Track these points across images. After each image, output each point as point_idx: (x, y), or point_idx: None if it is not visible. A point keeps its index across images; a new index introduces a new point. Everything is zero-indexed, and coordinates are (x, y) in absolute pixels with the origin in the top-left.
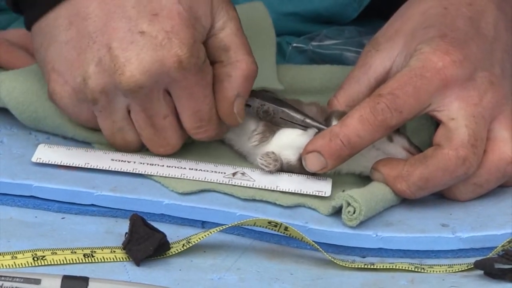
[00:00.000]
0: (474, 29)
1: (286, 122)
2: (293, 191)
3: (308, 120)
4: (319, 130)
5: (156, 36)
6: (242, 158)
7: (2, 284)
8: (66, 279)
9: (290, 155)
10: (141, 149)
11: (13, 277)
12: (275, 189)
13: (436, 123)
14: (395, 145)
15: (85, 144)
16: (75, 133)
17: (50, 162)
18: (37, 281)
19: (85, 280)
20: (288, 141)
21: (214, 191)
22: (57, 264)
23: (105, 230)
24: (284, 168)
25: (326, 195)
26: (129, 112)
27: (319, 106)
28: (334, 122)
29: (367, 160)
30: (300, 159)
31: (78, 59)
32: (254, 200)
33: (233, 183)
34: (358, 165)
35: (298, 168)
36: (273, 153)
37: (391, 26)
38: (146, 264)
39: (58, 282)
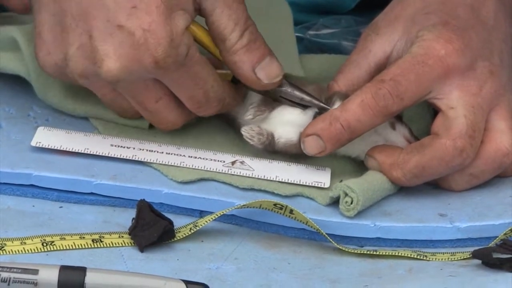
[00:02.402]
0: (475, 17)
1: (285, 100)
2: (292, 182)
3: (306, 97)
4: (318, 108)
5: (134, 33)
6: (242, 146)
7: (0, 275)
8: (63, 269)
9: (291, 133)
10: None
11: (11, 268)
12: (274, 179)
13: (432, 112)
14: (397, 133)
15: (85, 127)
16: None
17: (49, 147)
18: (35, 272)
19: (83, 270)
20: (290, 119)
21: (213, 180)
22: (66, 249)
23: (103, 220)
24: (282, 147)
25: (325, 186)
26: None
27: (319, 86)
28: (337, 103)
29: (366, 144)
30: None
31: (61, 36)
32: (252, 189)
33: (232, 173)
34: (356, 149)
35: (298, 148)
36: (258, 127)
37: (391, 11)
38: (144, 254)
39: (55, 272)
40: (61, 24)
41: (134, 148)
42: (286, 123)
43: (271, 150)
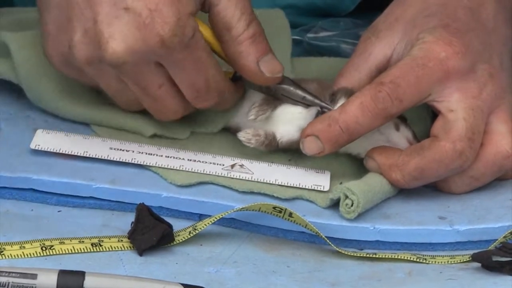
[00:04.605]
0: (475, 20)
1: (287, 99)
2: (291, 185)
3: (309, 97)
4: (320, 107)
5: (140, 14)
6: (241, 149)
7: None
8: (62, 273)
9: (292, 132)
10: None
11: (10, 272)
12: (273, 182)
13: (432, 114)
14: (400, 135)
15: (84, 129)
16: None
17: (48, 149)
18: (34, 276)
19: (82, 274)
20: (292, 117)
21: (213, 183)
22: (65, 254)
23: (102, 224)
24: (285, 145)
25: (324, 190)
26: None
27: (321, 82)
28: (341, 100)
29: (368, 143)
30: None
31: (67, 26)
32: (252, 193)
33: (232, 176)
34: (358, 147)
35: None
36: (253, 128)
37: (391, 13)
38: (143, 258)
39: (54, 277)
40: (66, 13)
41: (133, 151)
42: (288, 121)
43: (275, 149)
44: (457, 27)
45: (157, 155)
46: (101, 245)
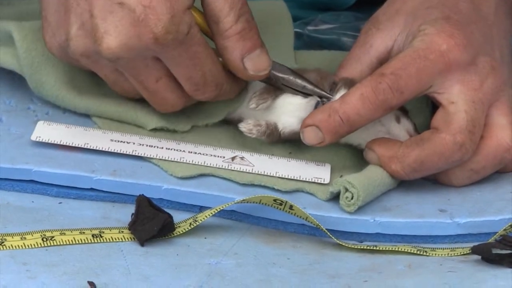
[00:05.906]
0: (476, 13)
1: (287, 88)
2: (292, 177)
3: (309, 86)
4: (320, 97)
5: (134, 10)
6: (241, 141)
7: None
8: None
9: (294, 123)
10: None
11: None
12: (274, 174)
13: (432, 106)
14: (401, 127)
15: (84, 121)
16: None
17: (49, 141)
18: None
19: None
20: (293, 108)
21: (213, 175)
22: (66, 244)
23: (102, 215)
24: (287, 136)
25: (325, 182)
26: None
27: (320, 72)
28: (342, 90)
29: (369, 134)
30: None
31: (64, 17)
32: (252, 185)
33: (232, 168)
34: (359, 137)
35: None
36: (254, 119)
37: (391, 5)
38: (143, 249)
39: None
40: (64, 5)
41: (134, 143)
42: (289, 112)
43: (277, 140)
44: (459, 20)
45: (157, 147)
46: (101, 236)
